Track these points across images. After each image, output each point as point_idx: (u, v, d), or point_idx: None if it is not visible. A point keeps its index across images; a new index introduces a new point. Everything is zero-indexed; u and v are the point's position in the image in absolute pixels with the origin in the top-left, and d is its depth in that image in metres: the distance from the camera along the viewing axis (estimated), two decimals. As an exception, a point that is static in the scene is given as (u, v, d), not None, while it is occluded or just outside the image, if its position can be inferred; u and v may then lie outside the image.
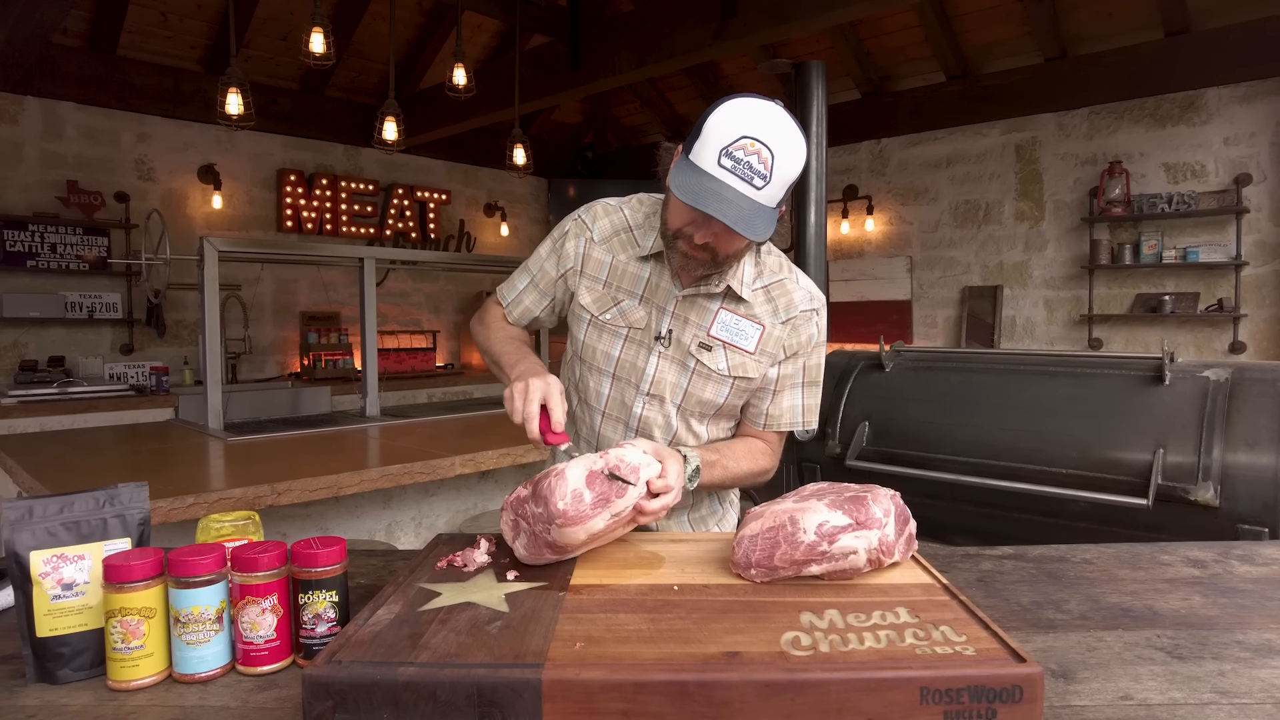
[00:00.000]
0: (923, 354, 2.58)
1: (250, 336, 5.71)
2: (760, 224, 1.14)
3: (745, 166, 1.12)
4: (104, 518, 0.95)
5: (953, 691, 0.74)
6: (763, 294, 1.37)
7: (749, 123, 1.13)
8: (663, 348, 1.36)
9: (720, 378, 1.37)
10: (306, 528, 2.47)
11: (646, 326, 1.37)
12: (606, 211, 1.42)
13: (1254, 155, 4.81)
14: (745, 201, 1.13)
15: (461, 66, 4.33)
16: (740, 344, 1.36)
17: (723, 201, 1.12)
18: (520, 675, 0.75)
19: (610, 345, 1.40)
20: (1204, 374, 1.95)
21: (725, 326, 1.35)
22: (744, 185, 1.12)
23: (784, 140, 1.14)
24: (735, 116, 1.14)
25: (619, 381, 1.40)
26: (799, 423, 1.44)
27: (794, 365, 1.41)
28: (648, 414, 1.40)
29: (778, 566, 1.01)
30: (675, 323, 1.36)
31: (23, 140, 4.94)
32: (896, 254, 6.30)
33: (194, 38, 5.41)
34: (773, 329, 1.37)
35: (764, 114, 1.15)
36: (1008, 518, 2.12)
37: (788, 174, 1.15)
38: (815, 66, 2.88)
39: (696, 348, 1.35)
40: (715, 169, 1.13)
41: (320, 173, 6.25)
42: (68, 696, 0.85)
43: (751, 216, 1.13)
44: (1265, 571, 1.19)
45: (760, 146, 1.12)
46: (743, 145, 1.12)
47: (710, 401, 1.38)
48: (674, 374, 1.37)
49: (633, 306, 1.37)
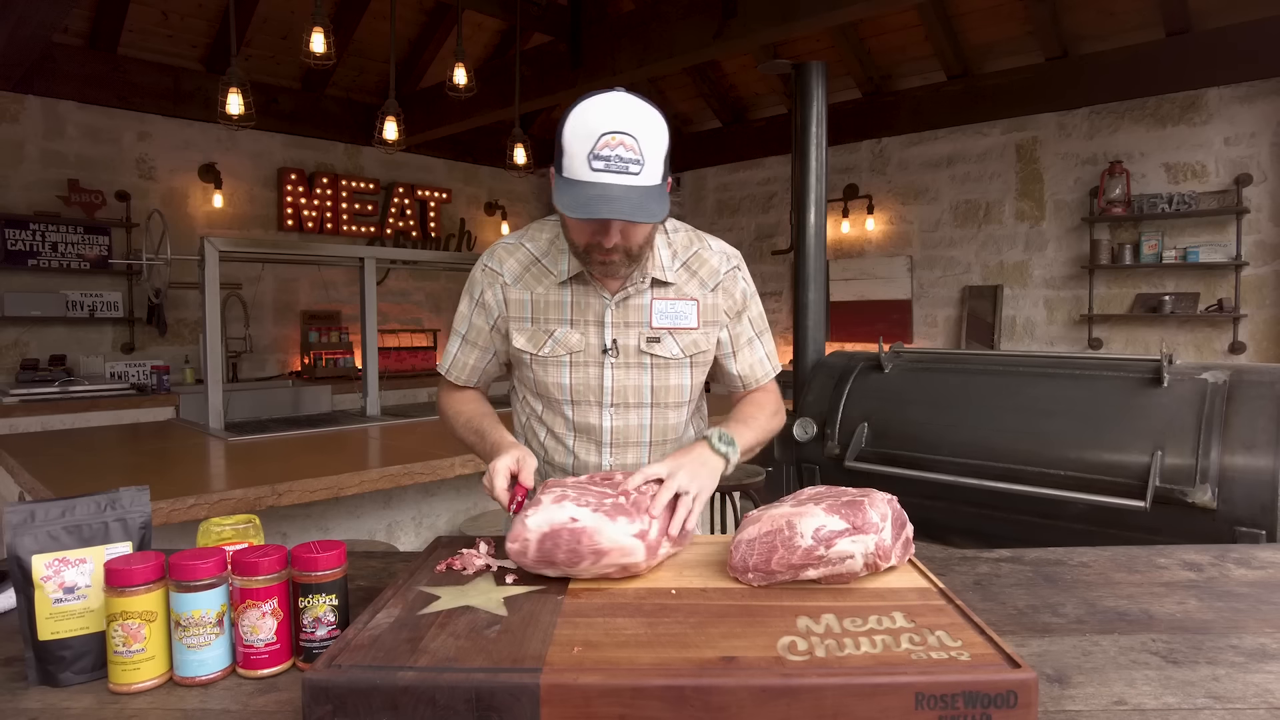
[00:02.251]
0: (922, 355, 2.58)
1: (251, 335, 5.72)
2: (654, 205, 1.17)
3: (616, 160, 1.15)
4: (105, 521, 0.95)
5: (948, 697, 0.74)
6: (685, 271, 1.41)
7: (603, 119, 1.16)
8: (612, 359, 1.38)
9: (678, 362, 1.40)
10: (307, 528, 2.48)
11: (586, 346, 1.38)
12: (510, 251, 1.42)
13: (1254, 155, 4.80)
14: (631, 192, 1.15)
15: (462, 65, 4.32)
16: (684, 324, 1.40)
17: (610, 201, 1.14)
18: (518, 680, 0.76)
19: (558, 375, 1.40)
20: (1202, 376, 1.95)
21: (663, 314, 1.38)
22: (623, 178, 1.15)
23: (641, 121, 1.17)
24: (588, 119, 1.17)
25: (578, 405, 1.41)
26: (770, 370, 1.50)
27: (740, 324, 1.46)
28: (617, 424, 1.41)
29: (775, 571, 1.02)
30: (616, 331, 1.37)
31: (24, 139, 4.94)
32: (897, 253, 6.30)
33: (195, 36, 5.41)
34: (705, 299, 1.41)
35: (613, 105, 1.17)
36: (1006, 519, 2.13)
37: (657, 150, 1.18)
38: (815, 66, 2.87)
39: (645, 344, 1.38)
40: (590, 174, 1.16)
41: (321, 172, 6.25)
42: (69, 699, 0.85)
43: (642, 201, 1.16)
44: (1261, 575, 1.19)
45: (622, 137, 1.15)
46: (606, 142, 1.15)
47: (679, 386, 1.42)
48: (633, 378, 1.39)
49: (566, 333, 1.38)
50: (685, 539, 1.16)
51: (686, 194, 7.61)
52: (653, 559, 1.07)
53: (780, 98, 6.67)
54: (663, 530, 1.10)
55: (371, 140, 4.74)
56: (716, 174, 7.41)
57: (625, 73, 5.00)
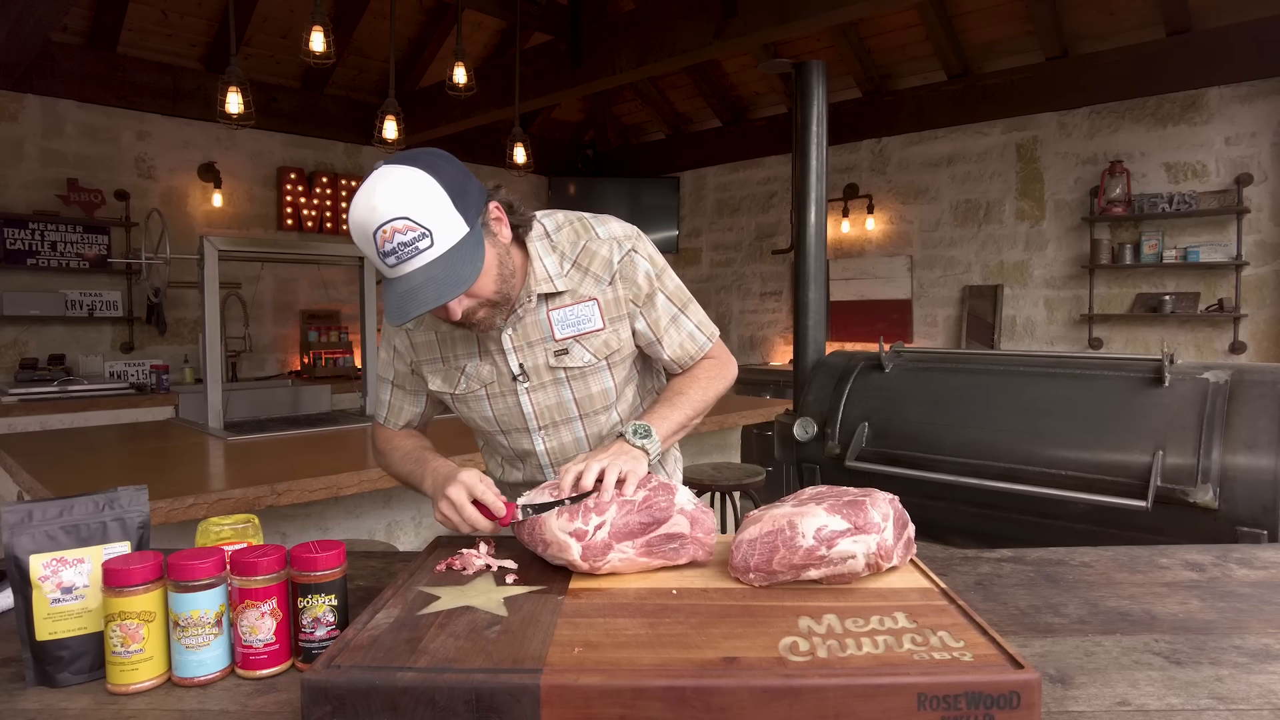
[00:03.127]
0: (922, 354, 2.58)
1: (250, 335, 5.71)
2: (464, 267, 1.11)
3: (401, 248, 1.09)
4: (103, 521, 0.95)
5: (950, 698, 0.74)
6: (576, 271, 1.32)
7: (368, 217, 1.09)
8: (524, 383, 1.35)
9: (593, 368, 1.35)
10: (306, 527, 2.47)
11: (499, 376, 1.35)
12: None
13: (1255, 155, 4.80)
14: (431, 269, 1.10)
15: (462, 65, 4.32)
16: (588, 328, 1.32)
17: (417, 293, 1.10)
18: (518, 681, 0.75)
19: (481, 408, 1.39)
20: (1204, 376, 1.95)
21: (564, 323, 1.32)
22: (417, 260, 1.09)
23: (401, 196, 1.08)
24: (358, 221, 1.11)
25: (509, 433, 1.41)
26: (704, 341, 1.41)
27: (654, 307, 1.36)
28: (551, 445, 1.40)
29: (776, 571, 1.01)
30: (520, 355, 1.33)
31: (23, 138, 4.93)
32: (897, 253, 6.29)
33: (194, 35, 5.40)
34: (604, 294, 1.32)
35: (371, 196, 1.09)
36: (1007, 519, 2.12)
37: (437, 209, 1.09)
38: (815, 65, 2.87)
39: (554, 358, 1.33)
40: (391, 270, 1.12)
41: (320, 171, 6.24)
42: (67, 700, 0.85)
43: (448, 273, 1.10)
44: (1263, 575, 1.19)
45: (392, 224, 1.08)
46: (383, 237, 1.08)
47: (603, 391, 1.37)
48: (552, 396, 1.36)
49: (476, 366, 1.36)
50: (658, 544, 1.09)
51: (687, 193, 7.61)
52: (595, 559, 1.06)
53: (780, 97, 6.67)
54: (616, 531, 1.07)
55: (371, 140, 4.73)
56: (716, 173, 7.40)
57: (625, 72, 5.00)
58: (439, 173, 1.12)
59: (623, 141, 8.08)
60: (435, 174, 1.11)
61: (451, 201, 1.11)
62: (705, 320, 1.43)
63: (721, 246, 7.41)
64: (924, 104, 5.99)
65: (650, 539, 1.07)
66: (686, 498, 1.12)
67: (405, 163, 1.12)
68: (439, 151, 1.17)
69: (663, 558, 1.08)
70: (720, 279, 7.39)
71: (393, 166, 1.12)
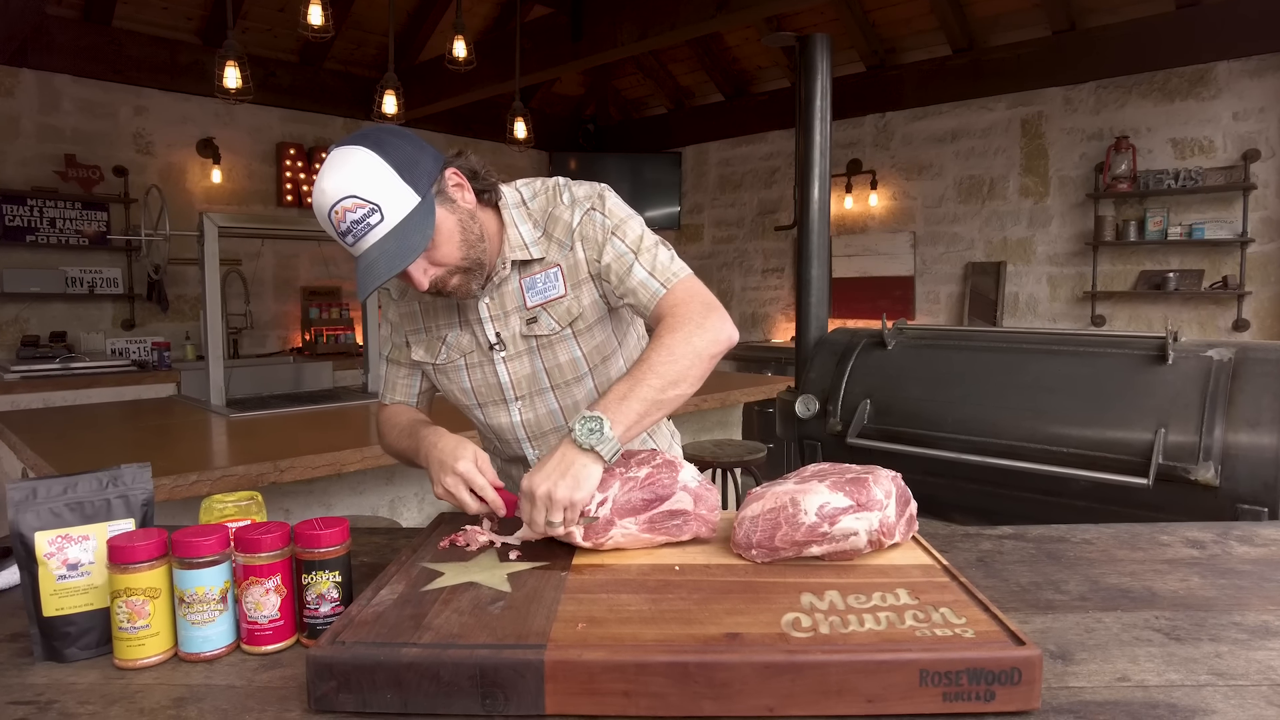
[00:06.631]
0: (925, 331, 2.57)
1: (251, 311, 5.70)
2: (414, 237, 1.13)
3: (355, 226, 1.12)
4: (107, 498, 0.95)
5: (952, 674, 0.74)
6: (545, 239, 1.31)
7: (322, 199, 1.12)
8: (500, 352, 1.35)
9: (558, 336, 1.33)
10: (310, 504, 2.49)
11: (478, 346, 1.36)
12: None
13: (1263, 131, 4.75)
14: (384, 244, 1.12)
15: (461, 38, 4.27)
16: (552, 294, 1.31)
17: (374, 266, 1.12)
18: (522, 656, 0.76)
19: (460, 379, 1.40)
20: (1207, 353, 1.95)
21: (534, 290, 1.32)
22: (371, 235, 1.12)
23: (350, 174, 1.11)
24: (317, 207, 1.15)
25: (485, 406, 1.41)
26: (656, 287, 1.25)
27: (612, 252, 1.27)
28: (527, 417, 1.40)
29: (779, 547, 1.02)
30: (497, 324, 1.34)
31: (19, 114, 4.89)
32: (900, 229, 6.26)
33: (190, 9, 5.34)
34: (566, 259, 1.30)
35: (325, 179, 1.13)
36: (1009, 496, 2.13)
37: (384, 185, 1.11)
38: (819, 39, 2.83)
39: (525, 327, 1.33)
40: (351, 249, 1.15)
41: (320, 146, 6.19)
42: (75, 675, 0.86)
43: (399, 244, 1.12)
44: (1263, 553, 1.19)
45: (343, 202, 1.11)
46: (337, 217, 1.12)
47: (571, 360, 1.35)
48: (526, 366, 1.36)
49: (456, 336, 1.37)
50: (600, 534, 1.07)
51: (689, 169, 7.56)
52: (598, 535, 1.08)
53: (783, 71, 6.60)
54: (619, 508, 1.07)
55: (370, 114, 4.69)
56: (719, 148, 7.34)
57: (627, 45, 4.94)
58: (384, 147, 1.13)
59: (624, 116, 8.01)
60: (380, 149, 1.13)
61: (398, 175, 1.13)
62: (663, 264, 1.27)
63: (723, 223, 7.37)
64: (928, 78, 5.93)
65: (653, 515, 1.08)
66: (691, 474, 1.12)
67: (352, 143, 1.14)
68: (388, 127, 1.19)
69: (666, 534, 1.09)
70: (722, 255, 7.36)
71: (340, 148, 1.14)
